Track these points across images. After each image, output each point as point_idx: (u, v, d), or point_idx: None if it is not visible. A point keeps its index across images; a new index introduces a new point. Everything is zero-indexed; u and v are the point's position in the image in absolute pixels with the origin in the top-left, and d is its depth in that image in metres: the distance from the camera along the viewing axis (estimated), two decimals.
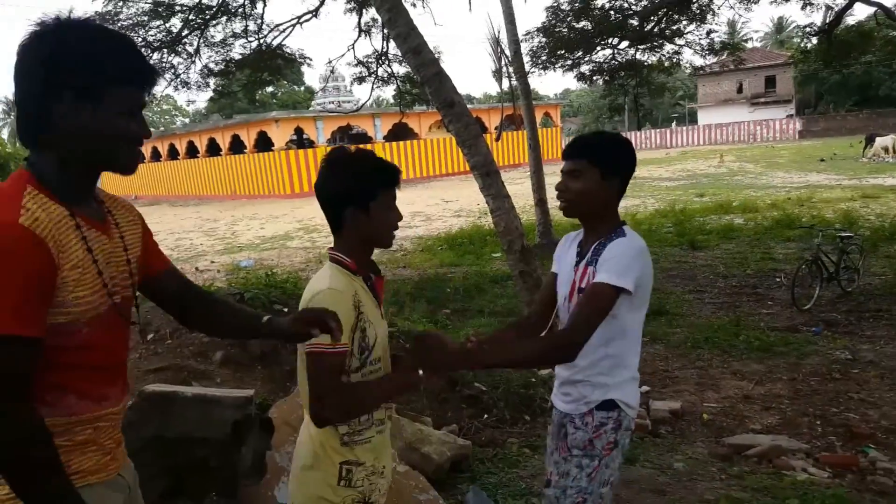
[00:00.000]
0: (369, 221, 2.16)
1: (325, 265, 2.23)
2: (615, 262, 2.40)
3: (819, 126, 53.18)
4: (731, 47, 17.34)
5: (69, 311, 1.53)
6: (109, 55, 1.54)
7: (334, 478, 2.13)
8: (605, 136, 2.66)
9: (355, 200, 2.14)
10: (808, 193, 19.79)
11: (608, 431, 2.54)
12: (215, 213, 30.67)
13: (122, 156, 1.65)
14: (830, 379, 6.47)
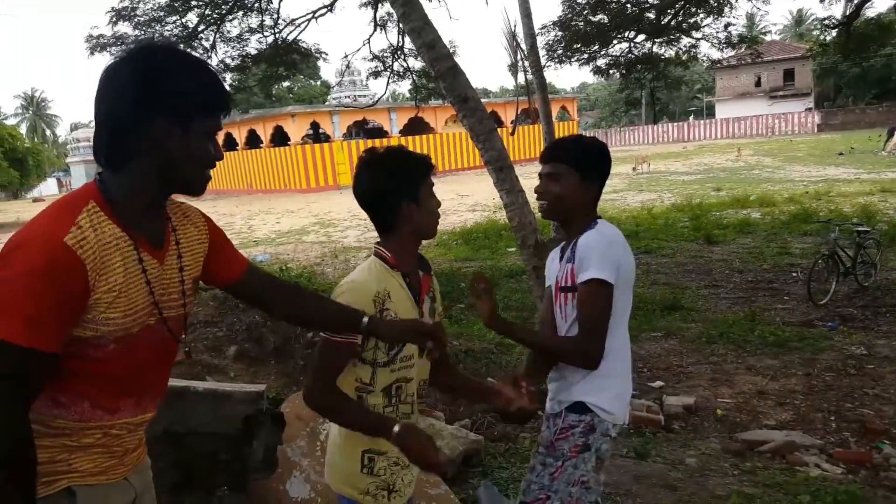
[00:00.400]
0: (420, 212, 2.22)
1: (367, 259, 2.28)
2: (589, 257, 2.45)
3: (838, 119, 52.71)
4: (748, 40, 17.19)
5: (97, 328, 1.54)
6: (200, 82, 1.58)
7: (357, 465, 2.19)
8: (583, 140, 2.71)
9: (407, 194, 2.20)
10: (826, 187, 19.63)
11: (576, 434, 2.53)
12: (232, 208, 30.82)
13: (199, 179, 1.67)
14: (845, 374, 6.44)
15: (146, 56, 1.56)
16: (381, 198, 2.22)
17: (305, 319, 2.26)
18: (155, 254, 1.67)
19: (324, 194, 33.91)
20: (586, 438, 2.52)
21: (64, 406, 1.58)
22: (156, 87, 1.52)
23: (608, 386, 2.55)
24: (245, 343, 5.20)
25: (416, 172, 2.23)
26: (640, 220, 16.15)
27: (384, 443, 2.16)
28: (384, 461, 2.20)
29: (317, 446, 3.34)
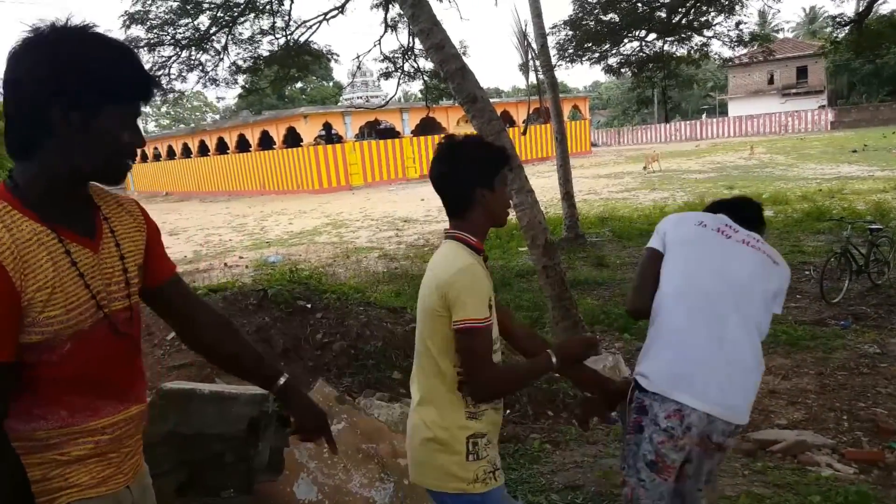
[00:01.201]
0: (495, 199, 2.28)
1: (446, 244, 2.30)
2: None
3: (851, 117, 52.36)
4: (760, 38, 17.13)
5: (42, 330, 1.49)
6: (107, 67, 1.50)
7: (462, 454, 2.18)
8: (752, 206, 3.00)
9: (482, 181, 2.26)
10: (839, 185, 19.51)
11: (632, 409, 2.53)
12: (244, 209, 30.93)
13: (113, 167, 1.60)
14: (858, 373, 6.40)
15: (51, 39, 1.48)
16: (461, 181, 2.27)
17: (222, 355, 2.03)
18: (87, 243, 1.61)
19: (336, 195, 33.98)
20: (638, 417, 2.48)
21: (41, 417, 1.54)
22: (59, 75, 1.45)
23: (659, 355, 2.50)
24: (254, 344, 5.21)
25: (492, 161, 2.28)
26: (653, 219, 16.09)
27: (483, 425, 2.23)
28: (485, 441, 2.22)
29: (324, 448, 3.35)
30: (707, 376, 2.41)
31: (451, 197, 2.30)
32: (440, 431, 2.20)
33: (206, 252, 17.87)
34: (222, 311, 5.68)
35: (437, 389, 2.24)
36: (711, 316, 2.48)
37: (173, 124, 77.82)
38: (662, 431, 2.41)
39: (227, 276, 12.53)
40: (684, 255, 2.61)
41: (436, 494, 2.27)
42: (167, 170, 50.55)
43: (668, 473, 2.46)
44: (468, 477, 2.18)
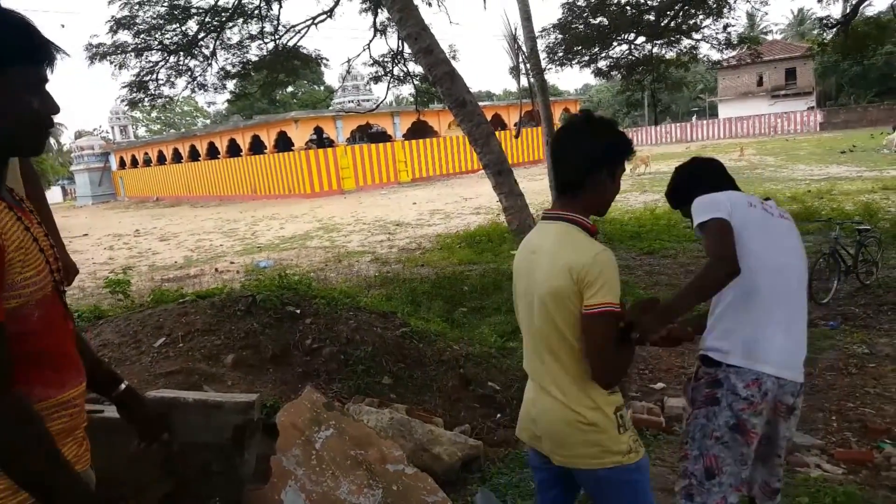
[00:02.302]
0: (611, 186, 2.27)
1: (557, 226, 2.27)
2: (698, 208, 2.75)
3: (840, 118, 52.60)
4: (748, 41, 17.21)
5: (20, 293, 1.50)
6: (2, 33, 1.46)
7: (614, 428, 2.21)
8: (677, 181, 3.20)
9: (610, 165, 2.24)
10: (828, 186, 19.58)
11: (702, 385, 2.70)
12: (235, 214, 30.86)
13: (27, 136, 1.56)
14: (847, 374, 6.42)
15: None
16: (583, 159, 2.24)
17: None
18: (25, 213, 1.61)
19: (328, 199, 33.93)
20: (714, 391, 2.66)
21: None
22: None
23: (736, 330, 2.67)
24: (243, 351, 5.19)
25: (622, 147, 2.27)
26: (643, 221, 16.14)
27: (619, 395, 2.27)
28: (627, 412, 2.27)
29: (312, 455, 3.35)
30: (781, 346, 2.67)
31: (569, 172, 2.26)
32: (588, 411, 2.21)
33: (197, 257, 17.81)
34: (210, 317, 5.69)
35: (576, 370, 2.23)
36: (786, 290, 2.73)
37: (163, 129, 77.59)
38: (743, 400, 2.63)
39: (218, 281, 12.49)
40: (757, 234, 2.71)
41: (588, 473, 2.27)
42: (157, 175, 50.41)
43: (751, 438, 2.66)
44: (622, 449, 2.21)
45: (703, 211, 2.69)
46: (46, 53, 1.54)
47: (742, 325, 2.67)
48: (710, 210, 2.67)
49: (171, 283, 12.68)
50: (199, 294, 6.77)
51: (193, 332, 5.42)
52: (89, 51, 12.68)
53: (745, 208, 2.75)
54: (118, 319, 6.17)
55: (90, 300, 10.85)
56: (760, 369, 2.64)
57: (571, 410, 2.22)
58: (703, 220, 2.66)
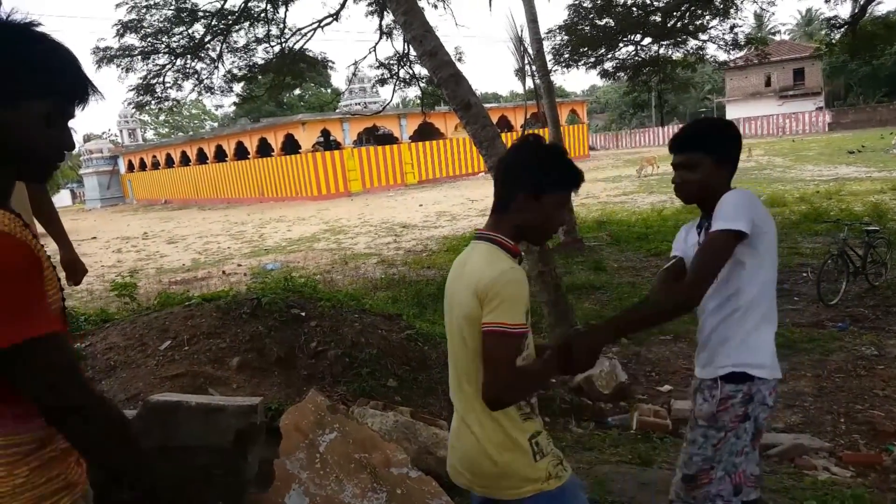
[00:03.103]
0: (537, 212, 2.17)
1: (480, 246, 2.21)
2: (723, 211, 2.49)
3: (849, 118, 52.40)
4: (755, 41, 17.16)
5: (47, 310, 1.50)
6: (33, 64, 1.45)
7: (529, 456, 2.14)
8: (712, 124, 2.81)
9: (534, 187, 2.15)
10: (836, 186, 19.50)
11: (735, 405, 2.58)
12: (243, 216, 30.93)
13: (37, 168, 1.56)
14: (855, 375, 6.37)
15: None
16: (512, 178, 2.20)
17: None
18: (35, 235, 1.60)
19: (335, 201, 33.98)
20: (746, 408, 2.58)
21: (27, 418, 1.51)
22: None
23: (761, 343, 2.62)
24: (248, 354, 5.19)
25: (558, 176, 2.18)
26: (650, 222, 16.11)
27: (535, 422, 2.19)
28: (544, 439, 2.18)
29: (315, 459, 3.33)
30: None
31: (499, 191, 2.22)
32: (502, 439, 2.16)
33: (205, 260, 17.86)
34: (216, 320, 5.69)
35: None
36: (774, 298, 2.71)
37: (171, 132, 77.83)
38: (769, 408, 2.64)
39: (226, 283, 12.53)
40: (773, 244, 2.63)
41: (511, 502, 2.21)
42: (166, 178, 50.58)
43: (760, 439, 2.73)
44: (540, 476, 2.15)
45: (734, 214, 2.46)
46: (81, 93, 1.54)
47: (765, 336, 2.64)
48: (742, 216, 2.46)
49: (179, 286, 12.70)
50: (204, 297, 6.77)
51: (199, 335, 5.41)
52: (97, 54, 12.73)
53: (766, 213, 2.60)
54: (124, 322, 6.18)
55: (98, 303, 10.88)
56: (778, 375, 2.66)
57: (485, 450, 2.17)
58: (727, 228, 2.45)
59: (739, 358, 2.60)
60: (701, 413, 2.66)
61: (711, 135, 2.70)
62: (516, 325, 2.02)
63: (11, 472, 1.47)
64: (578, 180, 2.21)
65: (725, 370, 2.61)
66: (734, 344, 2.61)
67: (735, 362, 2.60)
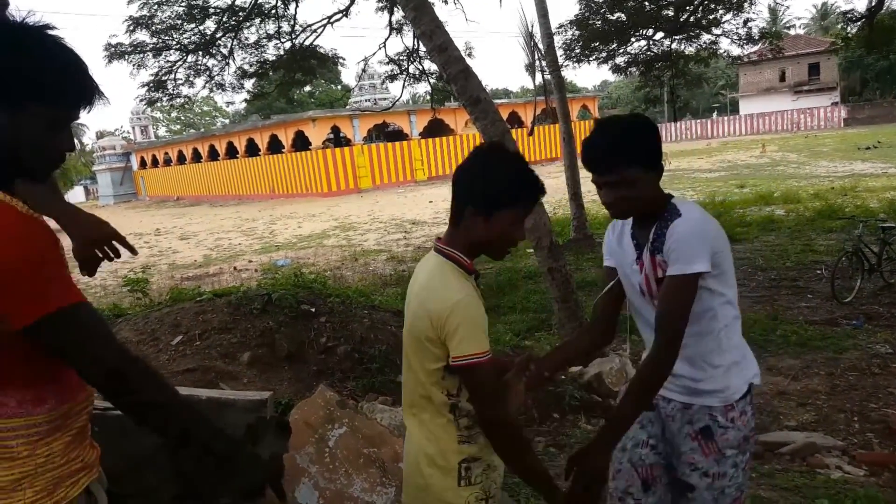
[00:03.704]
0: (486, 228, 2.06)
1: (434, 260, 2.14)
2: (680, 251, 2.22)
3: (865, 113, 52.02)
4: (769, 36, 17.03)
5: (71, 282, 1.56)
6: (34, 66, 1.45)
7: (454, 479, 2.10)
8: (632, 129, 2.35)
9: (481, 202, 2.05)
10: (852, 183, 19.36)
11: (750, 419, 2.41)
12: (254, 213, 31.02)
13: (38, 167, 1.56)
14: (869, 374, 6.31)
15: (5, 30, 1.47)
16: (462, 188, 2.10)
17: None
18: None
19: (345, 198, 34.02)
20: (752, 414, 2.45)
21: (45, 399, 1.55)
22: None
23: (744, 358, 2.45)
24: (259, 349, 5.20)
25: (508, 192, 2.05)
26: None
27: (478, 449, 2.12)
28: (479, 467, 2.11)
29: (325, 453, 3.33)
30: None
31: (453, 202, 2.12)
32: (434, 456, 2.12)
33: (216, 256, 17.92)
34: (227, 315, 5.70)
35: (428, 412, 2.15)
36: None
37: (183, 129, 78.10)
38: (754, 423, 2.47)
39: (237, 279, 12.56)
40: (729, 256, 2.38)
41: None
42: (177, 175, 50.78)
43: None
44: (458, 502, 2.10)
45: (692, 253, 2.21)
46: (87, 98, 1.56)
47: (738, 351, 2.44)
48: (700, 254, 2.21)
49: (191, 282, 12.75)
50: (215, 293, 6.79)
51: (210, 331, 5.43)
52: (108, 50, 12.77)
53: (720, 230, 2.35)
54: (137, 318, 6.20)
55: (111, 298, 10.93)
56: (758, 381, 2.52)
57: (421, 452, 2.15)
58: (688, 273, 2.21)
59: (745, 375, 2.43)
60: (729, 441, 2.38)
61: (636, 143, 2.31)
62: (482, 352, 1.98)
63: (33, 453, 1.51)
64: (535, 195, 2.10)
65: (741, 392, 2.40)
66: (726, 372, 2.40)
67: (746, 379, 2.42)
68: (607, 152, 2.30)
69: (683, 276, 2.20)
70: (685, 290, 2.22)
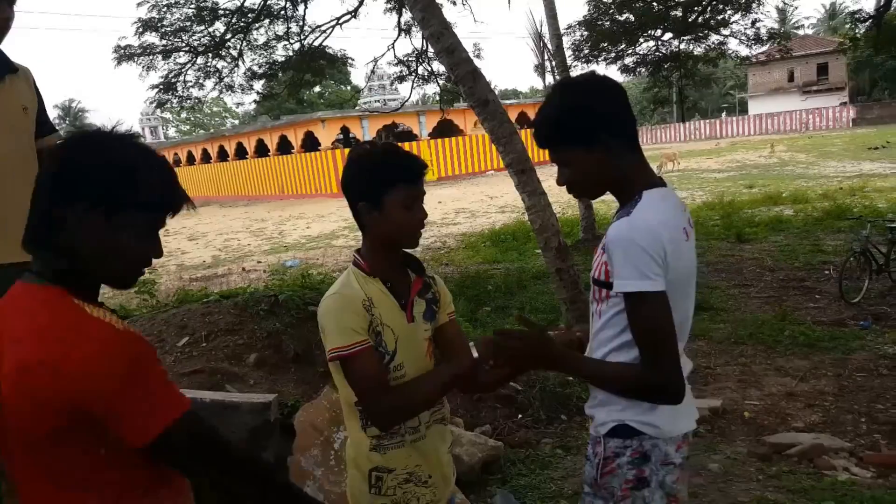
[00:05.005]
0: (382, 219, 2.08)
1: (347, 269, 2.19)
2: (619, 261, 1.89)
3: (874, 113, 51.76)
4: (778, 36, 16.97)
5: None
6: (134, 178, 1.47)
7: (366, 484, 2.11)
8: (555, 103, 2.06)
9: (366, 195, 2.08)
10: (860, 183, 19.27)
11: (622, 466, 1.98)
12: (263, 213, 31.08)
13: (127, 276, 1.58)
14: (878, 375, 6.30)
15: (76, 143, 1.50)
16: (346, 194, 2.14)
17: None
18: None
19: None
20: (639, 470, 1.98)
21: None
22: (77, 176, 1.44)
23: (630, 404, 2.00)
24: (265, 350, 5.22)
25: (385, 175, 2.07)
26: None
27: (392, 459, 2.10)
28: (393, 480, 2.11)
29: (330, 455, 3.34)
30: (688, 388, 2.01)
31: (351, 210, 2.15)
32: (354, 457, 2.17)
33: (225, 257, 17.97)
34: (233, 317, 5.72)
35: (346, 417, 2.20)
36: (685, 337, 2.08)
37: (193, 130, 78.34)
38: (677, 468, 2.01)
39: (245, 280, 12.58)
40: (681, 285, 2.00)
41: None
42: (187, 175, 50.88)
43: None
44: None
45: (635, 266, 1.86)
46: (175, 206, 1.57)
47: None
48: (647, 268, 1.86)
49: (199, 283, 12.79)
50: (222, 294, 6.81)
51: (216, 332, 5.45)
52: (117, 52, 12.83)
53: (679, 244, 1.96)
54: (143, 319, 6.23)
55: (118, 299, 10.96)
56: (687, 427, 2.06)
57: (347, 454, 2.22)
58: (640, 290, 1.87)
59: (626, 411, 2.00)
60: (585, 475, 2.12)
61: (572, 115, 1.99)
62: (345, 346, 1.98)
63: None
64: (415, 172, 2.12)
65: (606, 427, 2.03)
66: (616, 405, 2.01)
67: (620, 415, 2.01)
68: (539, 126, 2.07)
69: (634, 295, 1.88)
70: (646, 312, 1.89)
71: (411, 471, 2.12)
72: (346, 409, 2.19)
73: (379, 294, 2.11)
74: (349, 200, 2.14)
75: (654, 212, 1.93)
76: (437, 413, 2.24)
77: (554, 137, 2.05)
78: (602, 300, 2.06)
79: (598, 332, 2.07)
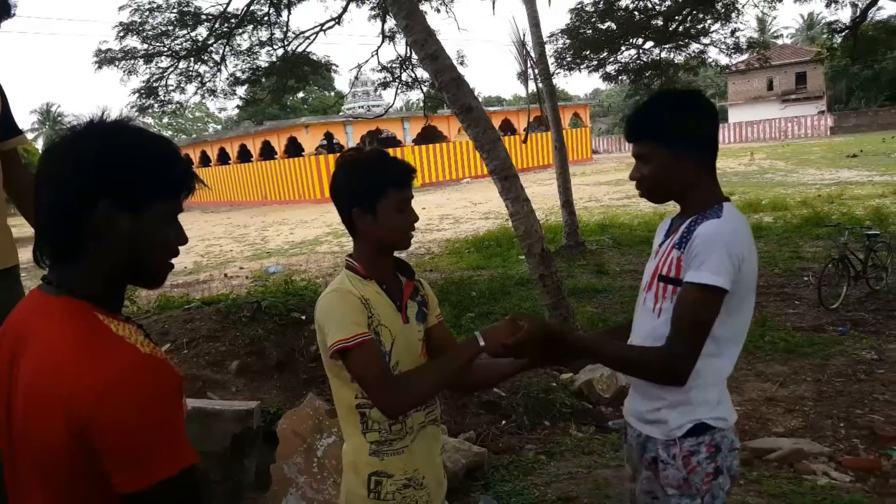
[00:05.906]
0: (377, 223, 2.12)
1: (339, 274, 2.21)
2: (705, 254, 2.00)
3: (851, 122, 52.38)
4: (757, 45, 17.15)
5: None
6: (156, 162, 1.41)
7: (364, 489, 2.10)
8: (664, 104, 2.20)
9: (360, 201, 2.11)
10: (838, 190, 19.50)
11: (703, 462, 2.11)
12: (246, 219, 30.95)
13: (158, 268, 1.48)
14: (856, 380, 6.38)
15: (93, 134, 1.37)
16: (338, 200, 2.17)
17: None
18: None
19: None
20: (715, 462, 2.11)
21: None
22: (103, 172, 1.33)
23: (721, 392, 2.18)
24: (248, 357, 5.19)
25: (377, 180, 2.11)
26: (652, 225, 16.08)
27: (392, 464, 2.11)
28: (392, 485, 2.10)
29: (313, 463, 3.34)
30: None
31: (341, 218, 2.18)
32: (353, 461, 2.15)
33: (207, 263, 17.89)
34: (215, 323, 5.69)
35: (344, 420, 2.19)
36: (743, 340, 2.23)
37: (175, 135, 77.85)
38: (736, 452, 2.19)
39: (227, 286, 12.53)
40: (748, 291, 2.14)
41: None
42: None
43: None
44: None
45: (718, 263, 1.98)
46: (188, 186, 1.49)
47: (725, 390, 2.22)
48: (724, 267, 1.99)
49: (181, 289, 12.72)
50: (204, 300, 6.78)
51: (198, 339, 5.43)
52: (97, 56, 12.76)
53: (753, 248, 2.13)
54: None
55: None
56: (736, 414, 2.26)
57: (345, 458, 2.20)
58: (711, 283, 1.98)
59: (700, 412, 2.13)
60: (668, 480, 2.17)
61: (665, 117, 2.13)
62: (350, 337, 1.98)
63: None
64: (405, 176, 2.17)
65: (683, 429, 2.14)
66: (687, 406, 2.13)
67: (696, 416, 2.13)
68: (632, 120, 2.21)
69: (700, 285, 1.99)
70: (699, 304, 2.00)
71: (410, 476, 2.13)
72: (344, 413, 2.17)
73: (375, 296, 2.14)
74: (339, 206, 2.17)
75: (739, 222, 2.11)
76: (431, 413, 2.25)
77: (652, 132, 2.15)
78: (665, 297, 2.15)
79: (657, 329, 2.14)
